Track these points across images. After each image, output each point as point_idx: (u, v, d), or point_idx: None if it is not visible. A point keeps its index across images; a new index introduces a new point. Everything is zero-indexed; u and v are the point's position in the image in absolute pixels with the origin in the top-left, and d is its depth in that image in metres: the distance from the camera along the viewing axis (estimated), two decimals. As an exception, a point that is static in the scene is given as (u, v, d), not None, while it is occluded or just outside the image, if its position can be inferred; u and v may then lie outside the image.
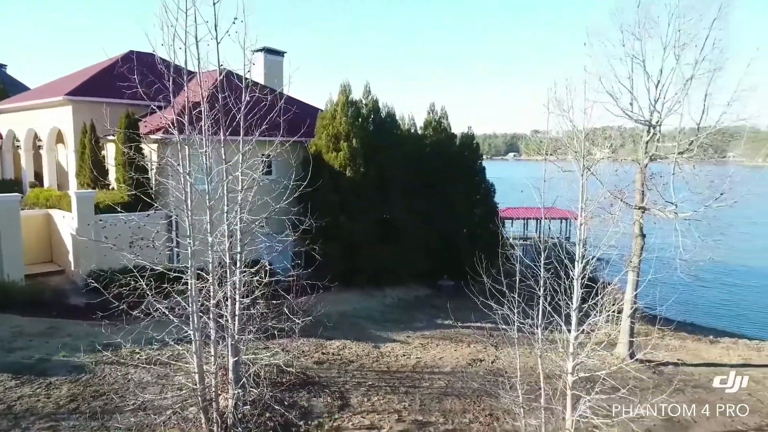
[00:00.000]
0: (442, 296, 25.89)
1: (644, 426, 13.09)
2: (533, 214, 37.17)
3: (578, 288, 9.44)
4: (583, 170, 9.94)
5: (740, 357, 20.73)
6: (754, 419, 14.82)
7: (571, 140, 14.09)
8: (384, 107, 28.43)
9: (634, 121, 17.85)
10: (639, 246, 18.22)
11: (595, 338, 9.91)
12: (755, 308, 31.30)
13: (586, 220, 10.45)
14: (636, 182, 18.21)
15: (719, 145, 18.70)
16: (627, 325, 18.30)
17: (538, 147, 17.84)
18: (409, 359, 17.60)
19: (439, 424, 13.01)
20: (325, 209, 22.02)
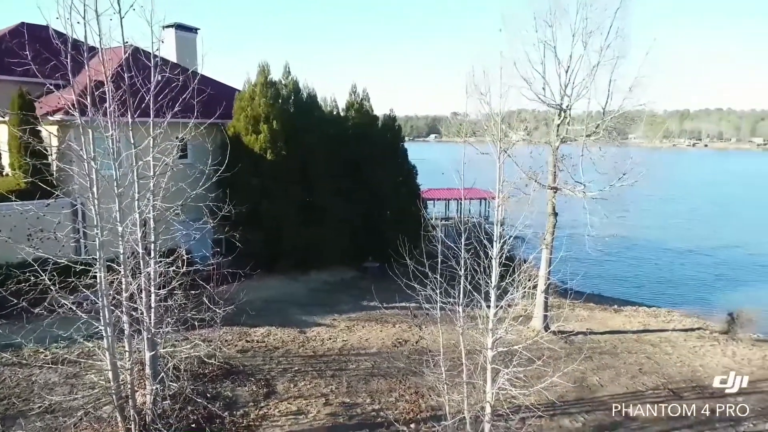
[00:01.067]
0: (367, 278, 26.09)
1: (557, 393, 13.94)
2: (454, 195, 38.16)
3: (497, 267, 9.78)
4: (500, 153, 10.23)
5: (640, 324, 22.58)
6: (652, 380, 16.25)
7: (489, 123, 14.48)
8: (305, 88, 27.90)
9: (546, 105, 18.66)
10: (552, 224, 19.21)
11: (512, 314, 10.36)
12: (653, 279, 34.13)
13: (504, 201, 10.82)
14: (549, 164, 19.12)
15: (622, 128, 19.98)
16: (541, 299, 19.35)
17: (457, 129, 18.24)
18: (336, 342, 17.64)
19: (366, 404, 13.18)
20: (245, 194, 21.43)
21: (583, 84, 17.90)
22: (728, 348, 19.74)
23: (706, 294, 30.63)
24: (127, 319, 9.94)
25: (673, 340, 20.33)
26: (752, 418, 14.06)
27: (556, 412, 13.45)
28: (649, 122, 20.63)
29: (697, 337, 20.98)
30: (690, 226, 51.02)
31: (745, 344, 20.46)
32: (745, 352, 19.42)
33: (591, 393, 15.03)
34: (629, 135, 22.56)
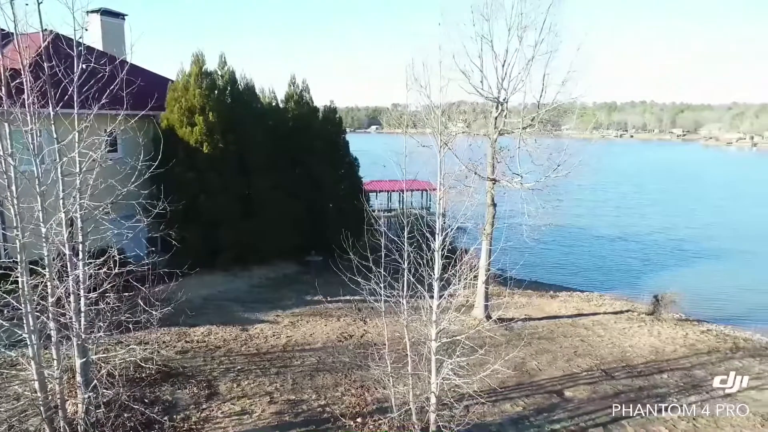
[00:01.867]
0: (310, 272, 25.85)
1: (499, 379, 14.36)
2: (396, 187, 38.37)
3: (439, 259, 9.91)
4: (441, 146, 10.34)
5: (575, 308, 23.61)
6: (586, 362, 17.03)
7: (429, 115, 14.61)
8: (242, 79, 27.14)
9: (484, 98, 19.01)
10: (491, 215, 19.68)
11: (455, 304, 10.54)
12: (586, 265, 35.75)
13: (445, 194, 10.96)
14: (487, 155, 19.54)
15: (556, 120, 20.71)
16: (482, 289, 19.83)
17: (398, 121, 18.30)
18: (279, 339, 17.38)
19: (311, 400, 13.07)
20: (181, 189, 20.69)
21: (518, 77, 18.38)
22: (654, 328, 20.99)
23: (634, 278, 32.39)
24: (54, 325, 9.34)
25: (604, 323, 21.40)
26: (675, 393, 15.04)
27: (498, 398, 13.85)
28: (580, 114, 21.47)
29: (627, 319, 22.18)
30: (618, 213, 53.74)
31: (669, 324, 21.83)
32: (669, 331, 20.72)
33: (530, 377, 15.58)
34: (562, 127, 23.41)
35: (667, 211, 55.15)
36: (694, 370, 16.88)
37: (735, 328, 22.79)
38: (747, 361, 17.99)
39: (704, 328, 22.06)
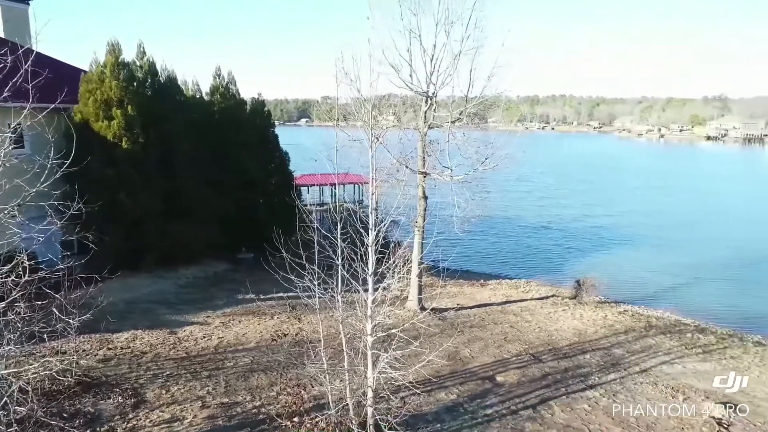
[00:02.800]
0: (242, 270, 25.21)
1: (433, 369, 14.64)
2: (328, 181, 38.06)
3: (372, 254, 9.91)
4: (372, 140, 10.31)
5: (504, 295, 24.47)
6: (516, 347, 17.70)
7: (360, 109, 14.54)
8: (163, 70, 25.93)
9: (414, 91, 19.18)
10: (423, 208, 19.95)
11: (390, 298, 10.60)
12: (513, 253, 37.17)
13: (377, 188, 10.97)
14: (418, 149, 19.76)
15: (483, 114, 21.25)
16: (416, 281, 20.09)
17: (329, 114, 18.12)
18: (211, 340, 16.82)
19: (246, 402, 12.74)
20: (99, 187, 19.56)
21: (447, 72, 18.67)
22: (577, 311, 22.15)
23: (557, 264, 34.03)
24: (-47, 340, 8.52)
25: (531, 309, 22.33)
26: (597, 372, 15.95)
27: (433, 388, 14.10)
28: (506, 108, 22.16)
29: (552, 304, 23.26)
30: (543, 203, 56.18)
31: (590, 307, 23.12)
32: (590, 314, 21.93)
33: (463, 365, 15.98)
34: (489, 120, 24.06)
35: (587, 200, 58.26)
36: (613, 349, 17.98)
37: (648, 307, 24.53)
38: (659, 338, 19.38)
39: (621, 309, 23.55)
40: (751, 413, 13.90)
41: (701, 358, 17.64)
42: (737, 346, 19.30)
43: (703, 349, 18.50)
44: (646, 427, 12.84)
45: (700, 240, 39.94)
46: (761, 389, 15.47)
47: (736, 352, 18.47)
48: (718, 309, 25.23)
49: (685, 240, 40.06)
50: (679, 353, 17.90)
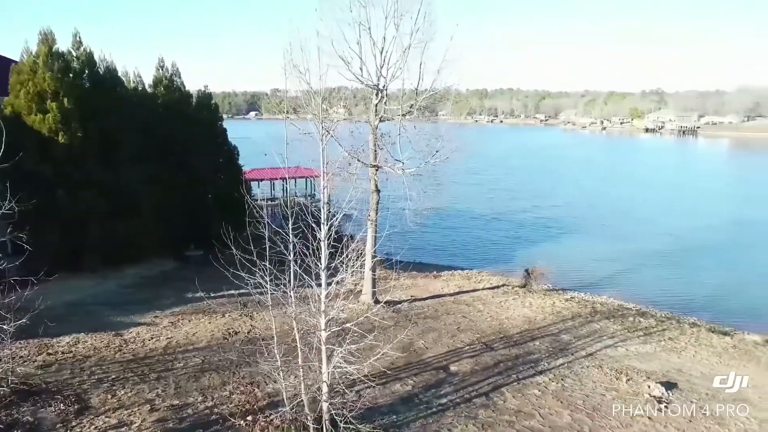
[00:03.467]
0: (190, 268, 24.51)
1: (388, 361, 14.69)
2: (279, 175, 37.46)
3: (325, 249, 9.81)
4: (323, 133, 10.19)
5: (456, 286, 24.84)
6: (469, 336, 18.02)
7: (310, 101, 14.36)
8: (102, 61, 24.80)
9: (364, 84, 19.10)
10: (375, 201, 19.95)
11: (343, 292, 10.55)
12: (464, 245, 37.77)
13: (329, 182, 10.86)
14: (369, 142, 19.71)
15: (433, 107, 21.40)
16: (369, 274, 20.10)
17: (278, 107, 17.82)
18: (159, 341, 16.31)
19: (198, 403, 12.44)
20: (34, 184, 18.50)
21: (397, 65, 18.69)
22: (526, 299, 22.76)
23: (507, 254, 34.83)
24: None
25: (483, 298, 22.78)
26: (546, 357, 16.46)
27: (388, 380, 14.17)
28: (455, 101, 22.40)
29: (503, 293, 23.80)
30: (493, 195, 57.30)
31: (539, 295, 23.80)
32: (539, 301, 22.57)
33: (418, 356, 16.14)
34: (439, 113, 24.28)
35: (535, 191, 59.84)
36: (561, 335, 18.59)
37: (593, 294, 25.48)
38: (603, 322, 20.18)
39: (568, 296, 24.37)
40: (686, 390, 14.71)
41: (642, 341, 18.49)
42: (675, 328, 20.34)
43: (644, 332, 19.40)
44: (593, 409, 13.36)
45: (640, 228, 41.74)
46: (696, 368, 16.38)
47: (674, 334, 19.46)
48: (657, 294, 26.50)
49: (626, 228, 41.78)
50: (622, 336, 18.70)
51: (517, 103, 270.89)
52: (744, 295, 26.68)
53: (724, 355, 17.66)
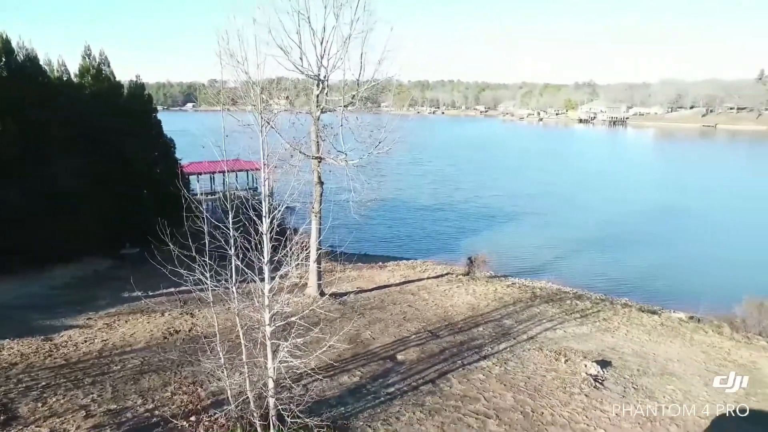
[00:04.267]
0: (127, 266, 23.48)
1: (336, 353, 14.64)
2: (218, 168, 36.41)
3: (268, 242, 9.60)
4: (262, 124, 9.94)
5: (402, 276, 25.06)
6: (415, 325, 18.23)
7: (249, 92, 13.98)
8: (20, 48, 23.15)
9: (305, 75, 18.79)
10: (318, 193, 19.75)
11: (288, 286, 10.37)
12: (409, 235, 38.12)
13: (270, 174, 10.63)
14: (311, 133, 19.45)
15: (375, 98, 21.34)
16: (314, 267, 19.92)
17: (216, 98, 17.25)
18: (94, 344, 15.54)
19: (137, 406, 11.95)
20: (-53, 181, 17.12)
21: (337, 55, 18.47)
22: (470, 287, 23.26)
23: (451, 243, 35.48)
24: None
25: (428, 287, 23.10)
26: (490, 342, 16.90)
27: (336, 372, 14.13)
28: (397, 92, 22.45)
29: (447, 282, 24.22)
30: (436, 186, 58.11)
31: (482, 282, 24.38)
32: (482, 288, 23.13)
33: (365, 347, 16.18)
34: (381, 104, 24.27)
35: (477, 181, 61.18)
36: (503, 320, 19.14)
37: (533, 279, 26.43)
38: (543, 306, 20.94)
39: (510, 282, 25.12)
40: (620, 367, 15.52)
41: (579, 322, 19.33)
42: (608, 309, 21.38)
43: (581, 314, 20.28)
44: (534, 390, 13.86)
45: (576, 216, 43.52)
46: (629, 345, 17.30)
47: (607, 315, 20.46)
48: (592, 277, 27.78)
49: (563, 216, 43.46)
50: (560, 319, 19.47)
51: (457, 94, 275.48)
52: (669, 276, 28.43)
53: (653, 332, 18.72)
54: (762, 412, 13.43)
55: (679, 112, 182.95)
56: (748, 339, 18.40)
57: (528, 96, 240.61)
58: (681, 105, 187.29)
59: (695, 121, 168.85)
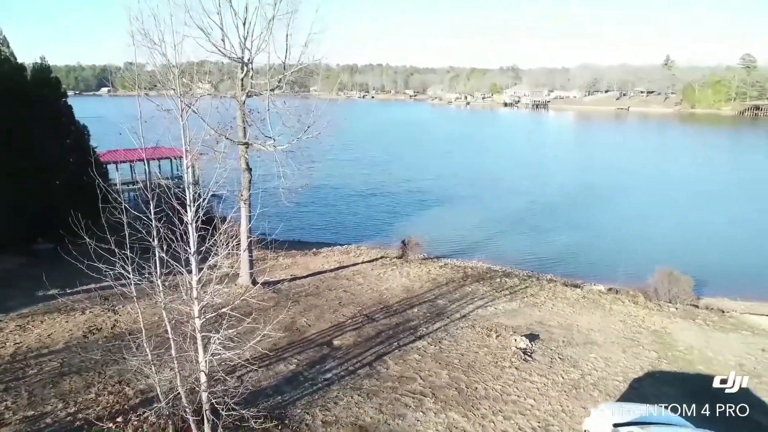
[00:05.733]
0: (40, 263, 21.89)
1: (271, 342, 14.42)
2: (138, 157, 34.54)
3: (194, 232, 9.22)
4: (183, 108, 9.48)
5: (336, 261, 24.96)
6: (350, 310, 18.27)
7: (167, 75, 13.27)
8: None
9: (228, 57, 18.09)
10: (247, 180, 19.21)
11: (218, 276, 10.03)
12: (343, 221, 37.98)
13: (194, 161, 10.19)
14: (237, 118, 18.82)
15: (303, 82, 20.92)
16: (246, 256, 19.42)
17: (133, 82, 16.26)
18: (5, 348, 14.47)
19: (58, 411, 11.28)
20: None
21: (262, 37, 17.90)
22: (404, 269, 23.55)
23: (385, 227, 35.68)
24: None
25: (363, 272, 23.17)
26: (424, 323, 17.24)
27: (271, 361, 13.95)
28: (325, 76, 22.15)
29: (381, 265, 24.39)
30: (369, 171, 58.10)
31: (416, 264, 24.75)
32: (416, 270, 23.49)
33: (301, 335, 16.04)
34: (311, 88, 23.86)
35: (409, 165, 61.73)
36: (437, 300, 19.56)
37: (464, 260, 27.13)
38: (474, 285, 21.57)
39: (442, 263, 25.66)
40: (546, 340, 16.31)
41: (509, 299, 20.09)
42: (535, 285, 22.35)
43: (510, 291, 21.08)
44: (468, 366, 14.31)
45: (504, 196, 44.98)
46: (554, 318, 18.19)
47: (534, 290, 21.38)
48: (519, 255, 28.90)
49: (492, 197, 44.80)
50: (491, 297, 20.15)
51: (387, 78, 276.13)
52: (590, 251, 30.11)
53: (576, 305, 19.78)
54: (671, 373, 14.58)
55: (596, 96, 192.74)
56: (660, 306, 19.85)
57: (455, 80, 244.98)
58: (597, 89, 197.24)
59: (610, 104, 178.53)
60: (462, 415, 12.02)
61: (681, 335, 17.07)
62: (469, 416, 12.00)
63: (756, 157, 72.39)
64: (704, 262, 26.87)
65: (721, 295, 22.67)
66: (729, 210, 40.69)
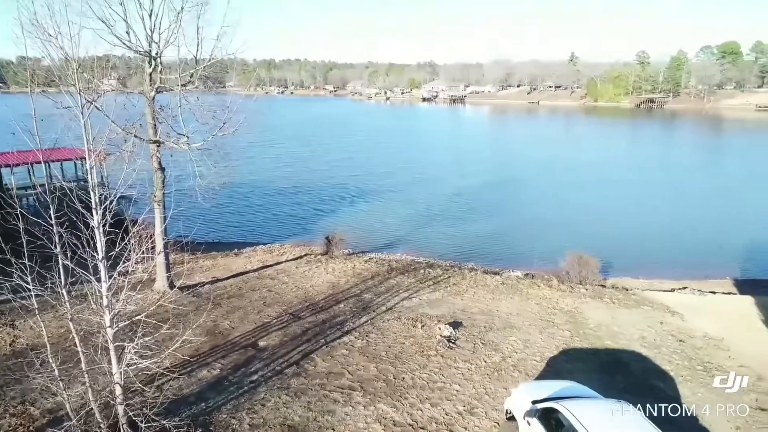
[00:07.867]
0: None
1: (192, 348, 13.91)
2: (34, 158, 31.92)
3: (101, 236, 8.68)
4: (83, 105, 8.87)
5: (259, 261, 24.41)
6: (275, 310, 17.93)
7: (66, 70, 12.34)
8: None
9: (134, 51, 17.09)
10: (160, 180, 18.30)
11: (132, 282, 9.49)
12: (265, 220, 37.14)
13: (99, 161, 9.57)
14: (147, 115, 17.85)
15: (217, 77, 20.17)
16: (161, 259, 18.48)
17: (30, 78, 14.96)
18: None
19: (-50, 441, 10.23)
20: None
21: (170, 30, 17.04)
22: (329, 266, 23.45)
23: (308, 225, 35.25)
24: None
25: (287, 270, 22.82)
26: (351, 318, 17.29)
27: (193, 368, 13.43)
28: (241, 71, 21.58)
29: (306, 263, 24.13)
30: (291, 168, 57.15)
31: (341, 260, 24.71)
32: (341, 266, 23.45)
33: (224, 338, 15.56)
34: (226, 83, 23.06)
35: (332, 161, 61.40)
36: (363, 294, 19.65)
37: (388, 253, 27.44)
38: (399, 278, 21.87)
39: (367, 257, 25.80)
40: (469, 327, 16.87)
41: (432, 289, 20.56)
42: (458, 274, 23.01)
43: (433, 281, 21.57)
44: (395, 357, 14.51)
45: (426, 190, 45.88)
46: (476, 305, 18.84)
47: (457, 279, 22.01)
48: (442, 246, 29.65)
49: (413, 191, 45.54)
50: (415, 288, 20.52)
51: (305, 74, 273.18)
52: (508, 239, 31.45)
53: (496, 291, 20.59)
54: (583, 349, 15.57)
55: (509, 90, 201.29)
56: (572, 288, 21.10)
57: (375, 75, 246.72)
58: (509, 83, 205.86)
59: (522, 98, 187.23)
60: (390, 406, 12.18)
61: (591, 314, 18.26)
62: (397, 406, 12.18)
63: (652, 148, 78.72)
64: (610, 245, 28.88)
65: (625, 274, 24.52)
66: (630, 194, 44.07)
